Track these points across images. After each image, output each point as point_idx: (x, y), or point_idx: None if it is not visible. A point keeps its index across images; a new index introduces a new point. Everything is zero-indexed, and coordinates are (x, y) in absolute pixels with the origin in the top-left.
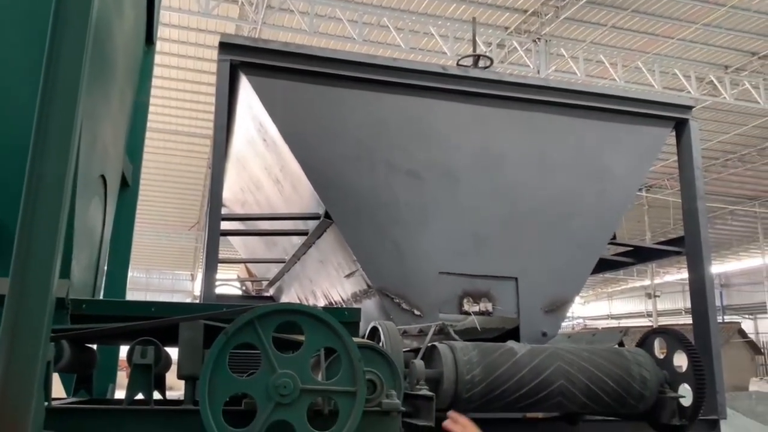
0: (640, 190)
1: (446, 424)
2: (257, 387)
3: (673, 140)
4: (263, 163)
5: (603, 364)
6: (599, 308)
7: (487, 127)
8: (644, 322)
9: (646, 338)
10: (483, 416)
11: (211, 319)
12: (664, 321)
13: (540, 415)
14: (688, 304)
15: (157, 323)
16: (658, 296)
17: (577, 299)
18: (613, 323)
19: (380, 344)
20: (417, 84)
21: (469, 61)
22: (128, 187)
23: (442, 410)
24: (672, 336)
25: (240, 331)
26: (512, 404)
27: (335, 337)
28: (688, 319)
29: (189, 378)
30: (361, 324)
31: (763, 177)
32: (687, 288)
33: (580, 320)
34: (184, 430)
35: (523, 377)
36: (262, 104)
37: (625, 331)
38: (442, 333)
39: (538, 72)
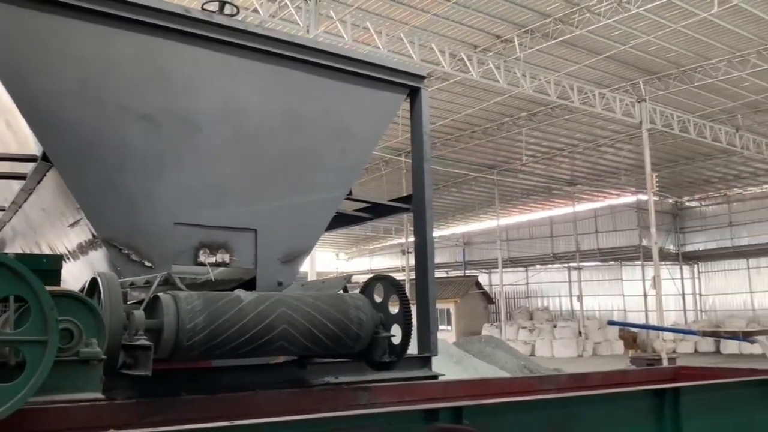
0: (399, 155)
1: None
2: None
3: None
4: None
5: (324, 308)
6: (362, 263)
7: (232, 77)
8: (400, 275)
9: (367, 285)
10: (228, 363)
11: None
12: None
13: (281, 359)
14: (436, 260)
15: None
16: (411, 252)
17: (342, 255)
18: None
19: (100, 296)
20: (155, 23)
21: (215, 7)
22: None
23: (163, 360)
24: (388, 282)
25: None
26: (235, 350)
27: (23, 284)
28: (435, 273)
29: None
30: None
31: (501, 149)
32: (435, 245)
33: (344, 275)
34: None
35: (247, 324)
36: None
37: (349, 277)
38: (168, 284)
39: (308, 31)
